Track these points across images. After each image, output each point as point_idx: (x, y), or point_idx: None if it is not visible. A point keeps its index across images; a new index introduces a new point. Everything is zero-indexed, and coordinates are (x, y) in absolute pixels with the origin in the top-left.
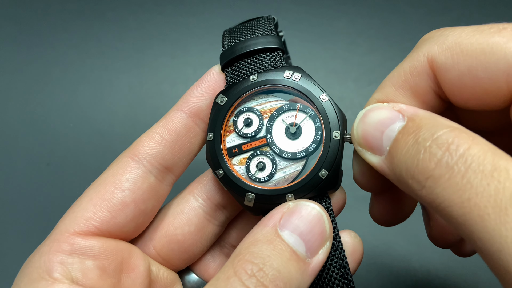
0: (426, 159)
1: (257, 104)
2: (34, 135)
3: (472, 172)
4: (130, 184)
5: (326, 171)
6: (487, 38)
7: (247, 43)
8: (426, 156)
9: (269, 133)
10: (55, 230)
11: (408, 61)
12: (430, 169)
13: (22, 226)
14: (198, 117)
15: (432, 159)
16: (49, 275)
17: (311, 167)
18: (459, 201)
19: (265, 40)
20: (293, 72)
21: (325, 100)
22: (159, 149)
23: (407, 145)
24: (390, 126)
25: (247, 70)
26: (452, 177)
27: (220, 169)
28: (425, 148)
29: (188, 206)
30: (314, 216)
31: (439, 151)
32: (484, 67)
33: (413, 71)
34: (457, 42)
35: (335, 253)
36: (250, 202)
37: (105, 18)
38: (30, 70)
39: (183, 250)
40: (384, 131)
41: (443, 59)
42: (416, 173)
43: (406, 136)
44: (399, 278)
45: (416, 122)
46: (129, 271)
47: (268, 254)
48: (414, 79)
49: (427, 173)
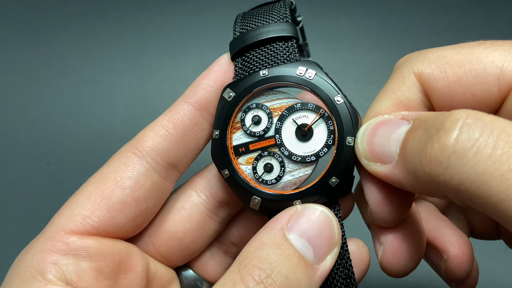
0: (442, 137)
1: (266, 101)
2: (34, 135)
3: (505, 142)
4: (132, 182)
5: (337, 179)
6: (470, 50)
7: (259, 30)
8: (442, 135)
9: (279, 133)
10: (50, 227)
11: (394, 80)
12: (450, 145)
13: (21, 225)
14: (206, 110)
15: (450, 135)
16: (42, 276)
17: (321, 173)
18: (499, 174)
19: (278, 28)
20: (307, 69)
21: (339, 102)
22: (164, 145)
23: (418, 137)
24: (397, 130)
25: (257, 62)
26: (480, 150)
27: (225, 169)
28: (438, 128)
29: (190, 202)
30: (323, 220)
31: (456, 126)
32: (474, 73)
33: (401, 86)
34: (441, 56)
35: (341, 262)
36: (256, 206)
37: (105, 18)
38: (30, 70)
39: (182, 248)
40: (391, 136)
41: (430, 71)
42: (434, 155)
43: (414, 132)
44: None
45: (423, 118)
46: (127, 272)
47: (276, 259)
48: (405, 94)
49: (447, 150)
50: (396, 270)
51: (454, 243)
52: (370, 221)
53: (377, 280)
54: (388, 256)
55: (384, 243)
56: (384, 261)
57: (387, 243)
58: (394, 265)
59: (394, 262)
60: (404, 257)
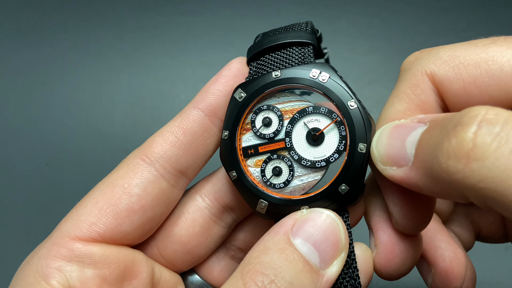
0: (460, 132)
1: (278, 103)
2: (33, 135)
3: None
4: (140, 189)
5: (347, 186)
6: (484, 49)
7: (277, 36)
8: (459, 130)
9: (289, 136)
10: (56, 232)
11: (405, 83)
12: (468, 139)
13: (21, 226)
14: (215, 115)
15: (469, 129)
16: (45, 281)
17: (331, 179)
18: None
19: (295, 34)
20: (320, 72)
21: (353, 107)
22: (173, 152)
23: (434, 135)
24: (412, 132)
25: (272, 64)
26: (502, 145)
27: (233, 171)
28: (456, 124)
29: (193, 206)
30: (329, 224)
31: (475, 120)
32: (491, 74)
33: (415, 89)
34: (454, 55)
35: (348, 271)
36: (262, 210)
37: (105, 18)
38: (30, 70)
39: (186, 252)
40: (406, 139)
41: (444, 72)
42: (452, 151)
43: (431, 131)
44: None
45: (440, 119)
46: (131, 279)
47: (280, 264)
48: (420, 97)
49: (466, 145)
50: (387, 273)
51: (445, 258)
52: (369, 223)
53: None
54: (380, 258)
55: (378, 245)
56: (376, 263)
57: (381, 245)
58: (386, 268)
59: (386, 265)
60: (396, 261)
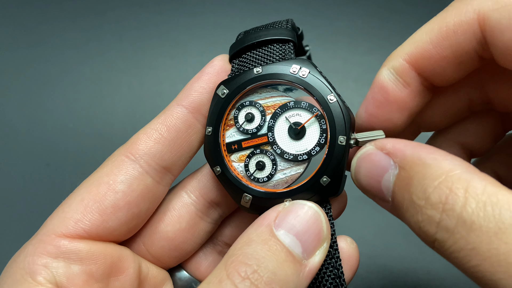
0: (426, 223)
1: (260, 98)
2: (33, 135)
3: (476, 237)
4: (125, 186)
5: (328, 178)
6: None
7: (258, 34)
8: (425, 219)
9: (271, 131)
10: (42, 230)
11: (454, 14)
12: (432, 233)
13: (21, 226)
14: (199, 112)
15: (431, 223)
16: (32, 278)
17: (312, 172)
18: (469, 266)
19: (276, 32)
20: (300, 67)
21: (332, 101)
22: (157, 148)
23: (405, 203)
24: (385, 176)
25: (253, 61)
26: (456, 242)
27: (217, 166)
28: (421, 211)
29: (179, 202)
30: (311, 216)
31: (436, 214)
32: None
33: (458, 28)
34: None
35: (331, 261)
36: (247, 203)
37: (105, 18)
38: (30, 70)
39: (173, 248)
40: (381, 181)
41: (498, 18)
42: (422, 235)
43: (402, 191)
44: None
45: (407, 172)
46: (118, 274)
47: (263, 255)
48: (458, 38)
49: (431, 236)
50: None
51: None
52: None
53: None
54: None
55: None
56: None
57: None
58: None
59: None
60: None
